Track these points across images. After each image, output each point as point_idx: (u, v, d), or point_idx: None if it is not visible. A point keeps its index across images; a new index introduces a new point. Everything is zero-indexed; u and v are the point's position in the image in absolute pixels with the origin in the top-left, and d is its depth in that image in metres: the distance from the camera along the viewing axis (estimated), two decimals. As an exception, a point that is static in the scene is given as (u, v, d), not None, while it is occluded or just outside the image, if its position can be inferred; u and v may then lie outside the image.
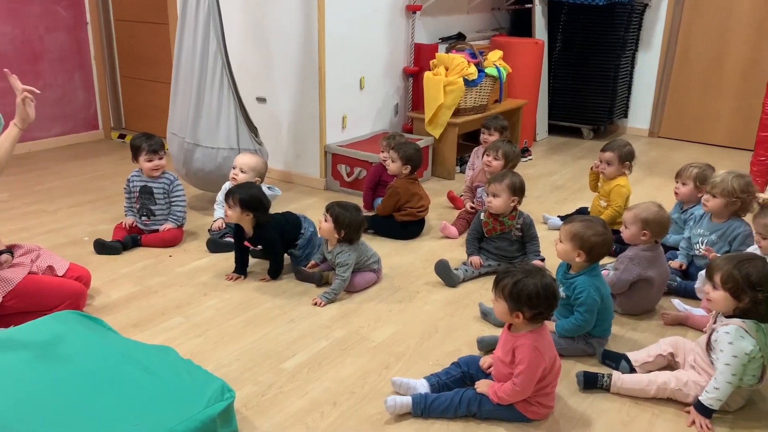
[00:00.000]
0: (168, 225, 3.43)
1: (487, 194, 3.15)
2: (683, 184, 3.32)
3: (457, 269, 3.11)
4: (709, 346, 2.16)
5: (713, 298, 2.13)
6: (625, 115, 6.24)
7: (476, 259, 3.16)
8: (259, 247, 3.15)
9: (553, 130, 6.10)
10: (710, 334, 2.15)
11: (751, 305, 2.07)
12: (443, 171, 4.74)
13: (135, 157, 3.41)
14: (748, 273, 2.05)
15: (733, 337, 2.06)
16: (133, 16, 5.35)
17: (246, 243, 3.09)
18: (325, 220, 2.90)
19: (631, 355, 2.38)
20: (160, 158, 3.39)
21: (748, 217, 3.01)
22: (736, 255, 2.20)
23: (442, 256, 3.25)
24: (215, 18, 3.64)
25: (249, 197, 2.92)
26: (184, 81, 3.77)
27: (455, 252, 3.42)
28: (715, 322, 2.18)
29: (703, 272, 2.44)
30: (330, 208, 2.91)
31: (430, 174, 4.72)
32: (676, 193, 3.37)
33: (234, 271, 3.09)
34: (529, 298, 1.99)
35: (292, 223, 3.13)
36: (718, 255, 2.74)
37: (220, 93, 3.72)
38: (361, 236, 2.99)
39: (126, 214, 3.50)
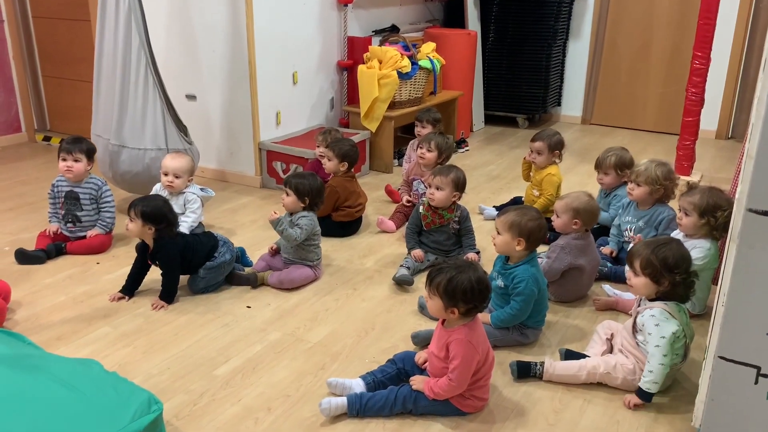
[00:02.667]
0: (95, 231, 3.30)
1: (430, 186, 3.14)
2: (605, 174, 3.42)
3: (403, 270, 3.04)
4: (635, 329, 2.22)
5: (635, 284, 2.20)
6: (559, 104, 6.36)
7: (418, 252, 3.14)
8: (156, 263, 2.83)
9: (489, 120, 6.16)
10: (635, 318, 2.21)
11: (670, 288, 2.15)
12: (381, 165, 4.72)
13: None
14: (665, 257, 2.13)
15: (659, 319, 2.12)
16: (52, 13, 5.12)
17: (149, 261, 2.82)
18: (287, 195, 2.97)
19: (589, 352, 2.39)
20: (76, 160, 3.22)
21: (672, 203, 3.11)
22: (653, 240, 2.27)
23: (380, 251, 3.25)
24: (137, 13, 3.50)
25: (151, 210, 2.70)
26: (107, 80, 3.63)
27: (393, 246, 3.42)
28: (639, 306, 2.24)
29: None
30: (287, 182, 2.98)
31: (368, 168, 4.69)
32: (601, 183, 3.48)
33: (120, 290, 2.83)
34: (464, 293, 1.99)
35: (205, 245, 2.87)
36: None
37: (145, 91, 3.59)
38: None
39: (50, 221, 3.35)
